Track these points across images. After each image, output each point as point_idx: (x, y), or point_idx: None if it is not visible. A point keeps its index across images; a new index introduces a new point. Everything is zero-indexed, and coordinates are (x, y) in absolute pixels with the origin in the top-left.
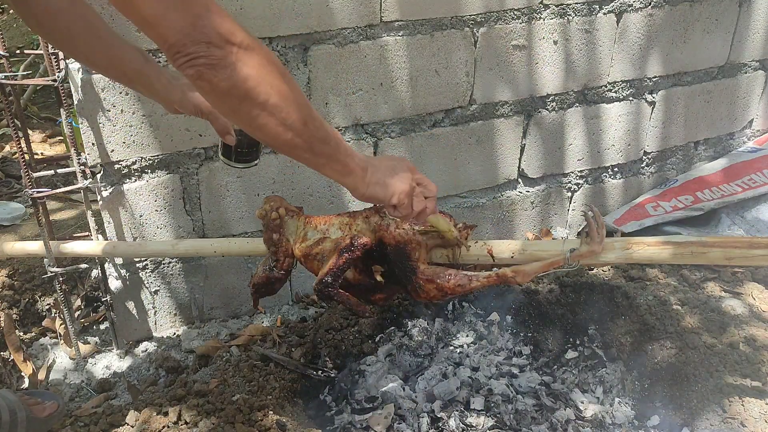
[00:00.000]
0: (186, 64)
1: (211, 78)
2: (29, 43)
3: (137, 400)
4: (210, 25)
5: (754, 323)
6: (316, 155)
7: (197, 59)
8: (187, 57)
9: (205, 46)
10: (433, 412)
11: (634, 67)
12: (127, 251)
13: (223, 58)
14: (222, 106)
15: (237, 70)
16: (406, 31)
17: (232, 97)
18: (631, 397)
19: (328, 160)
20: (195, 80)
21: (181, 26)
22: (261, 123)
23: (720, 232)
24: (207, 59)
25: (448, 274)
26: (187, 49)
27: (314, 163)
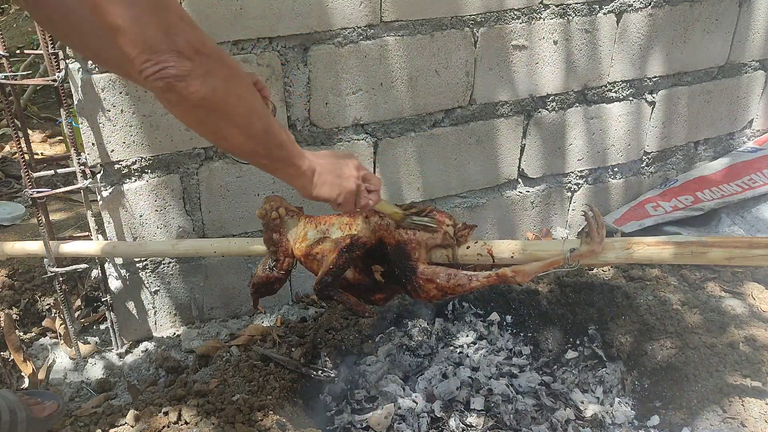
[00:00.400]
0: (155, 75)
1: (181, 90)
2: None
3: (137, 400)
4: (181, 34)
5: (754, 323)
6: (273, 161)
7: (167, 70)
8: (156, 67)
9: (176, 56)
10: (433, 412)
11: (634, 67)
12: (127, 251)
13: (192, 70)
14: (188, 118)
15: (207, 82)
16: (406, 31)
17: (201, 109)
18: (631, 397)
19: (283, 164)
20: (163, 92)
21: (151, 34)
22: (225, 134)
23: (720, 232)
24: (177, 70)
25: (447, 274)
26: (158, 58)
27: (269, 167)
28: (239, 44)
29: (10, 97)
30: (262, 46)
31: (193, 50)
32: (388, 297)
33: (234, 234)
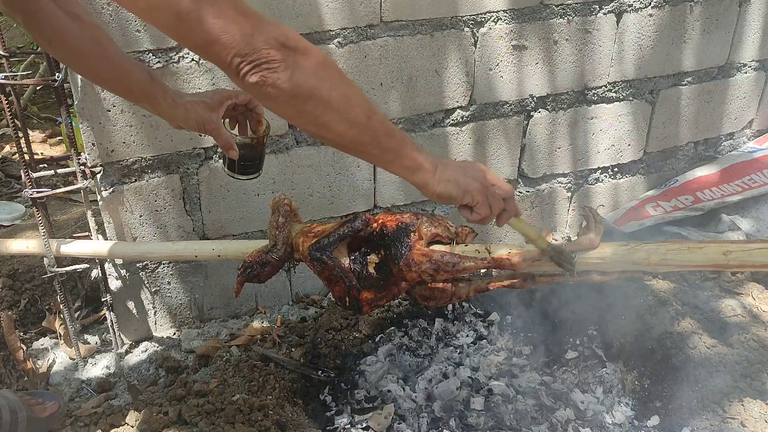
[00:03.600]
0: (250, 72)
1: (275, 81)
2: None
3: (137, 400)
4: (267, 31)
5: (754, 323)
6: (384, 150)
7: (260, 66)
8: (250, 65)
9: (266, 52)
10: (433, 412)
11: (634, 67)
12: (127, 252)
13: (283, 61)
14: (287, 110)
15: (299, 71)
16: (406, 31)
17: (297, 98)
18: (631, 397)
19: (396, 155)
20: (260, 87)
21: (240, 37)
22: (325, 121)
23: (720, 232)
24: (269, 64)
25: (441, 252)
26: (250, 57)
27: (383, 159)
28: None
29: (10, 97)
30: None
31: (280, 44)
32: (377, 300)
33: (234, 234)
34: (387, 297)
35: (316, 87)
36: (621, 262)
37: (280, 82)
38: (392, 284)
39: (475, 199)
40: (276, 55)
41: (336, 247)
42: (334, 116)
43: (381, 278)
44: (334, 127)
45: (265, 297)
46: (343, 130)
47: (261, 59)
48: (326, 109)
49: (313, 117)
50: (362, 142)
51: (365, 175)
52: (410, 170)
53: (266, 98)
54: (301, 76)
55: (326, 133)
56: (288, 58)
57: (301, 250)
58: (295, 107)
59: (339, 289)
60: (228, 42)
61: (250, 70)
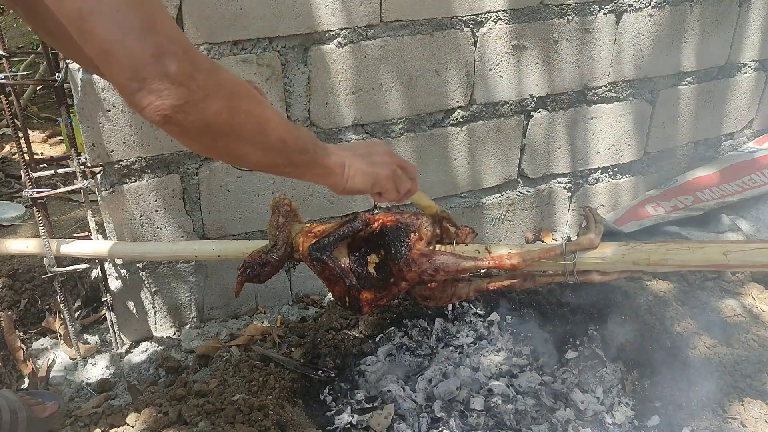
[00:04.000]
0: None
1: (181, 121)
2: (29, 43)
3: (137, 400)
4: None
5: (754, 323)
6: (296, 167)
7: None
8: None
9: (169, 83)
10: (433, 412)
11: (634, 67)
12: (127, 252)
13: (190, 97)
14: (196, 146)
15: (208, 106)
16: (406, 31)
17: (206, 135)
18: (631, 397)
19: (307, 168)
20: (163, 125)
21: (141, 58)
22: (240, 154)
23: (720, 232)
24: (174, 100)
25: (440, 252)
26: (149, 86)
27: (294, 174)
28: (239, 44)
29: (10, 97)
30: (262, 46)
31: (187, 75)
32: (377, 300)
33: (234, 234)
34: (387, 297)
35: (228, 122)
36: (621, 262)
37: (188, 121)
38: (392, 284)
39: (384, 186)
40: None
41: (336, 247)
42: (249, 148)
43: (381, 278)
44: (249, 158)
45: (265, 297)
46: (257, 158)
47: (162, 92)
48: (241, 142)
49: (225, 151)
50: (276, 165)
51: None
52: (321, 176)
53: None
54: (210, 112)
55: (240, 162)
56: (197, 93)
57: (301, 250)
58: (205, 144)
59: (339, 289)
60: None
61: (149, 103)
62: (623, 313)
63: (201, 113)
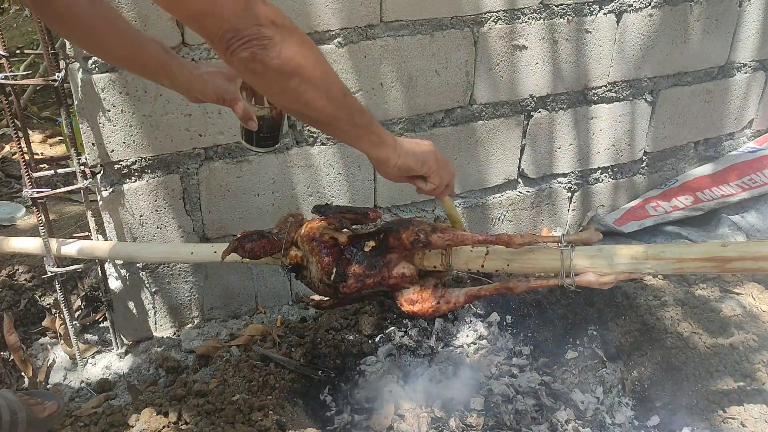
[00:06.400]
0: (241, 47)
1: (263, 58)
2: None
3: (137, 400)
4: (257, 8)
5: (754, 323)
6: (355, 126)
7: (251, 41)
8: (241, 40)
9: (257, 28)
10: (433, 412)
11: (635, 67)
12: (127, 252)
13: (272, 38)
14: (271, 86)
15: (285, 48)
16: (406, 31)
17: (282, 74)
18: (631, 397)
19: (365, 131)
20: (249, 63)
21: (232, 12)
22: (308, 97)
23: (720, 233)
24: (260, 41)
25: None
26: (241, 33)
27: (352, 135)
28: None
29: (10, 97)
30: None
31: (270, 21)
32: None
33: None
34: (375, 277)
35: (301, 64)
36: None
37: (269, 59)
38: (383, 266)
39: (431, 168)
40: (267, 32)
41: (337, 215)
42: (315, 93)
43: (374, 259)
44: (314, 104)
45: (265, 297)
46: (322, 106)
47: (253, 35)
48: (309, 86)
49: (295, 94)
50: (338, 118)
51: (365, 175)
52: (376, 145)
53: (252, 74)
54: (287, 54)
55: (306, 110)
56: (276, 36)
57: (302, 231)
58: (279, 84)
59: (329, 260)
60: (221, 15)
61: (240, 45)
62: (623, 313)
63: (279, 52)
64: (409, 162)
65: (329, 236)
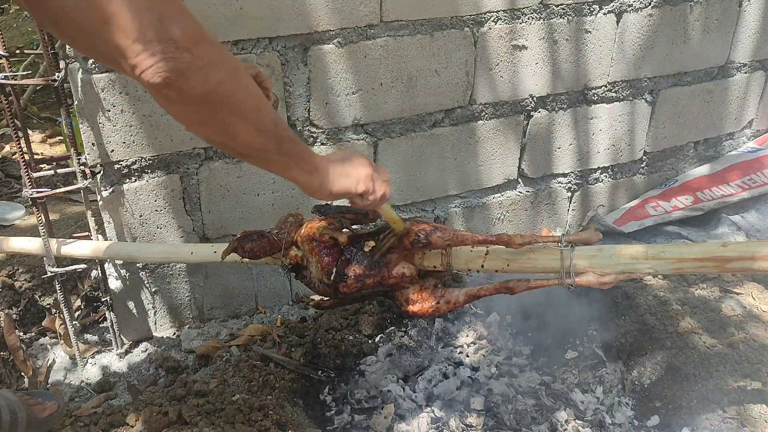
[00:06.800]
0: (151, 70)
1: (181, 85)
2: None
3: (137, 400)
4: (179, 23)
5: (754, 323)
6: (285, 156)
7: (165, 62)
8: (152, 59)
9: (173, 47)
10: (433, 412)
11: (635, 67)
12: (127, 252)
13: (192, 62)
14: (190, 117)
15: (211, 74)
16: (406, 31)
17: (206, 104)
18: (631, 397)
19: (296, 160)
20: (161, 89)
21: (147, 22)
22: (234, 131)
23: (720, 233)
24: (176, 63)
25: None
26: (153, 49)
27: (282, 165)
28: (239, 44)
29: (10, 97)
30: (262, 46)
31: (192, 41)
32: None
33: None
34: (375, 277)
35: (230, 93)
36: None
37: (188, 86)
38: (383, 266)
39: (366, 186)
40: (185, 55)
41: (337, 212)
42: (244, 125)
43: (374, 259)
44: (241, 136)
45: (265, 297)
46: (250, 138)
47: (166, 55)
48: (238, 117)
49: (221, 125)
50: (266, 149)
51: None
52: (307, 173)
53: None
54: (212, 81)
55: (230, 141)
56: (199, 59)
57: (302, 232)
58: (202, 114)
59: (329, 260)
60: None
61: (150, 66)
62: (623, 313)
63: (203, 80)
64: (344, 185)
65: (329, 236)
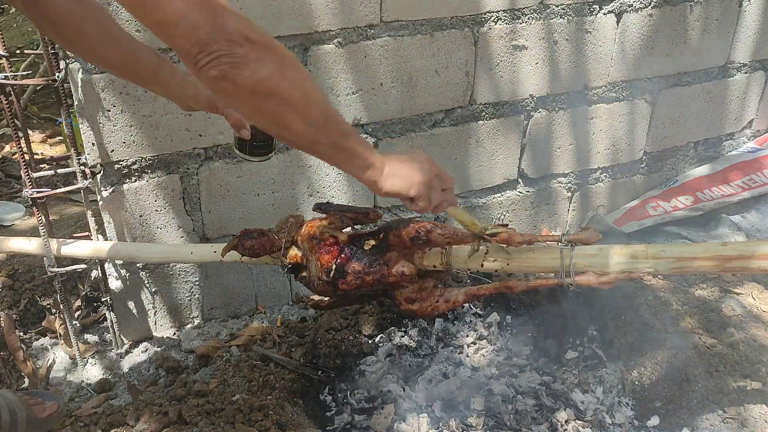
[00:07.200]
0: (209, 65)
1: (235, 77)
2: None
3: (137, 400)
4: (230, 22)
5: (754, 323)
6: (339, 150)
7: (220, 58)
8: (209, 56)
9: (227, 44)
10: (433, 412)
11: (635, 67)
12: (127, 252)
13: (245, 56)
14: (245, 107)
15: (260, 67)
16: (406, 31)
17: (257, 95)
18: (631, 397)
19: (350, 155)
20: (218, 81)
21: (203, 24)
22: (285, 120)
23: (720, 233)
24: (230, 57)
25: None
26: (210, 48)
27: (336, 159)
28: None
29: (10, 97)
30: None
31: (243, 37)
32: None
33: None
34: (374, 275)
35: (278, 85)
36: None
37: (241, 78)
38: (383, 264)
39: (420, 192)
40: (238, 49)
41: (338, 211)
42: (293, 115)
43: (374, 257)
44: (293, 127)
45: (265, 297)
46: (301, 129)
47: (222, 52)
48: (287, 108)
49: (273, 115)
50: (318, 142)
51: None
52: (362, 169)
53: (223, 93)
54: (262, 73)
55: (284, 132)
56: (250, 53)
57: (302, 231)
58: (254, 105)
59: (328, 258)
60: (188, 28)
61: (209, 62)
62: (623, 313)
63: (254, 72)
64: (396, 186)
65: (330, 234)
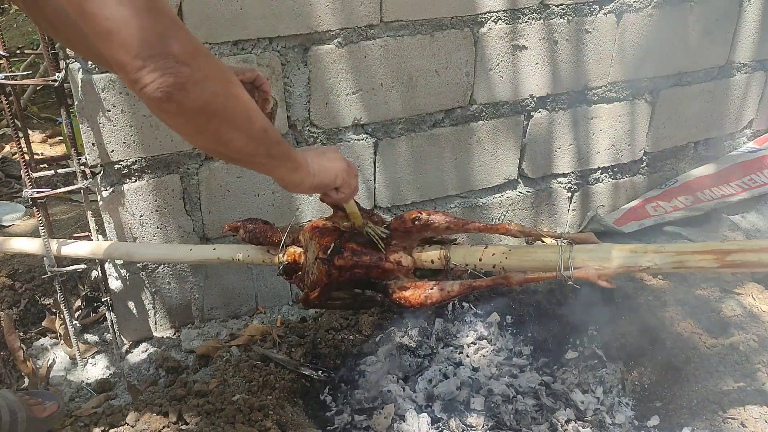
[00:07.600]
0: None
1: (181, 99)
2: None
3: (137, 400)
4: (176, 37)
5: (754, 323)
6: (273, 158)
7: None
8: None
9: (173, 61)
10: (433, 412)
11: (635, 67)
12: (127, 252)
13: (191, 76)
14: (187, 128)
15: (207, 88)
16: (406, 31)
17: (202, 115)
18: (631, 397)
19: (282, 160)
20: (161, 103)
21: (146, 37)
22: (227, 139)
23: (720, 233)
24: (176, 78)
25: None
26: (155, 64)
27: (268, 166)
28: (239, 44)
29: (10, 97)
30: (262, 47)
31: (190, 55)
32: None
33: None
34: (372, 256)
35: (223, 105)
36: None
37: (188, 100)
38: (379, 249)
39: (344, 179)
40: (184, 69)
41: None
42: (235, 133)
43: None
44: (233, 144)
45: (265, 297)
46: (242, 145)
47: (167, 70)
48: (230, 126)
49: (214, 134)
50: (256, 154)
51: (365, 175)
52: (291, 171)
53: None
54: (208, 94)
55: (223, 148)
56: (196, 73)
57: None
58: (197, 126)
59: (328, 239)
60: (130, 39)
61: (152, 81)
62: (623, 313)
63: (200, 93)
64: (323, 179)
65: (332, 224)
